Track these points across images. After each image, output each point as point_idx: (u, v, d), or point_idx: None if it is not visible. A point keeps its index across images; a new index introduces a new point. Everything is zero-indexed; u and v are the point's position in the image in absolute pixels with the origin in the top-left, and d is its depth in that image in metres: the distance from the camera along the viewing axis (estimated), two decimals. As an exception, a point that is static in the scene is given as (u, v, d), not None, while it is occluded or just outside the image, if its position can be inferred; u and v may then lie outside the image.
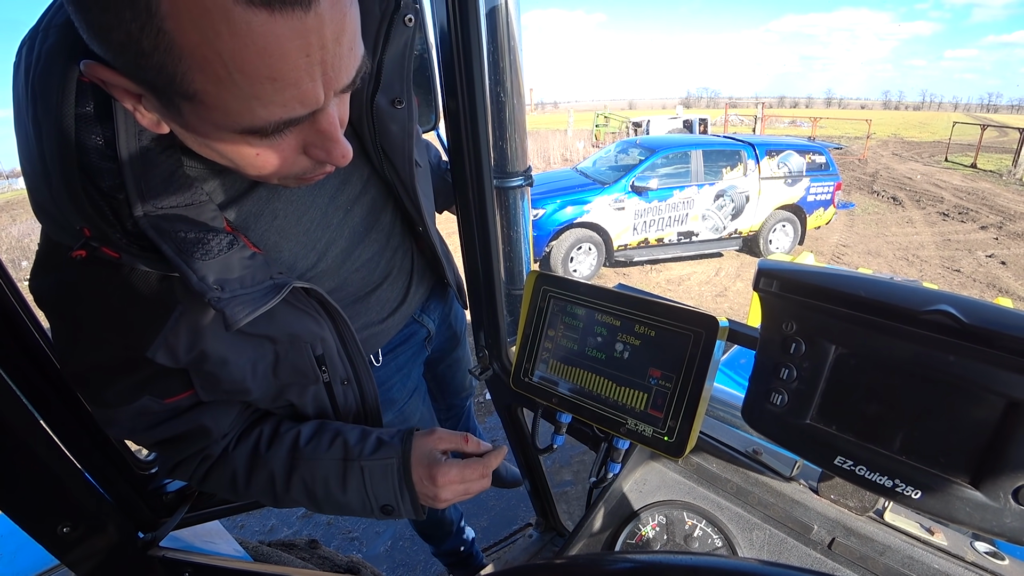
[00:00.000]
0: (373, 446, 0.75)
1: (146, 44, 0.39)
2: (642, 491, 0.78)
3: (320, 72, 0.45)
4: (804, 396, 0.57)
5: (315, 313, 0.70)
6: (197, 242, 0.55)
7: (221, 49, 0.39)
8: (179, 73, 0.41)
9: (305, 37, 0.41)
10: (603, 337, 0.67)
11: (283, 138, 0.50)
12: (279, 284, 0.62)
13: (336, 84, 0.47)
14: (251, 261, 0.60)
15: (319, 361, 0.72)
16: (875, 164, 16.42)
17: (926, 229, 8.83)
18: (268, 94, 0.43)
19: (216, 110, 0.44)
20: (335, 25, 0.43)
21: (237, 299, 0.57)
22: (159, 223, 0.54)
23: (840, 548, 0.66)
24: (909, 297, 0.49)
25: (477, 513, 2.57)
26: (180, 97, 0.43)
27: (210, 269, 0.56)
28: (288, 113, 0.46)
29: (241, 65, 0.40)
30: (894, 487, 0.53)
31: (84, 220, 0.53)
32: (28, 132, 0.51)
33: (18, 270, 8.22)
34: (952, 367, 0.48)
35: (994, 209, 9.98)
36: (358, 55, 0.49)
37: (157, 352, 0.58)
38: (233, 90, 0.42)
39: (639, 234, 6.59)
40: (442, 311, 1.09)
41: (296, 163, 0.54)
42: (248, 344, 0.65)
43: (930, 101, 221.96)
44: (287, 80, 0.43)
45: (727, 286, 6.43)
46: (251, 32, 0.39)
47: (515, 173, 1.08)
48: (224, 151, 0.50)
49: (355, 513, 0.77)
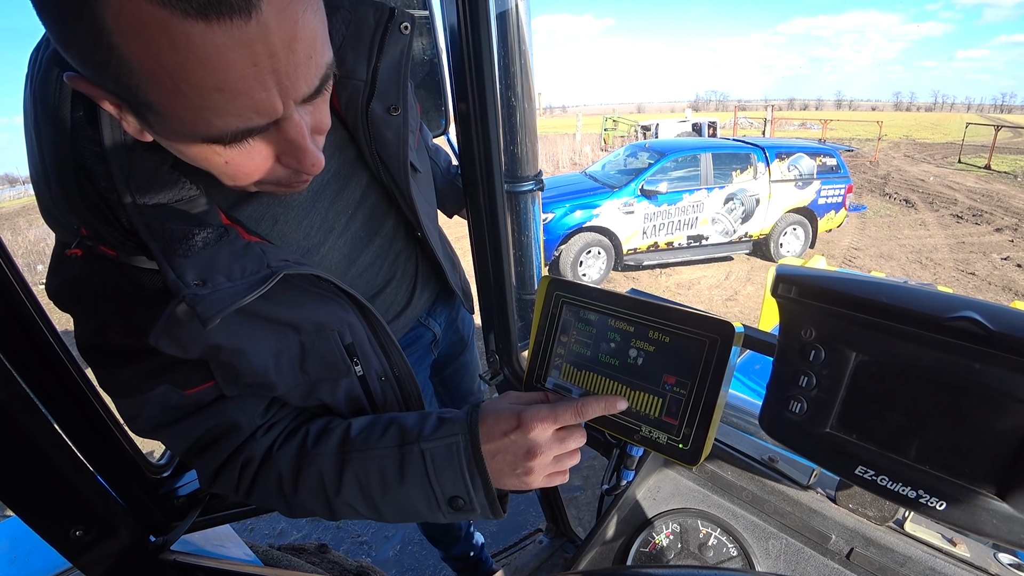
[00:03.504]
0: (434, 425, 0.66)
1: (100, 58, 0.40)
2: (656, 499, 0.77)
3: (273, 81, 0.44)
4: (824, 404, 0.56)
5: (337, 297, 0.69)
6: (181, 238, 0.55)
7: (165, 62, 0.39)
8: (134, 85, 0.41)
9: (249, 47, 0.41)
10: (616, 343, 0.66)
11: (250, 146, 0.49)
12: (265, 276, 0.59)
13: (294, 93, 0.47)
14: (244, 252, 0.59)
15: (349, 351, 0.70)
16: (887, 166, 16.27)
17: (939, 232, 8.72)
18: (219, 104, 0.43)
19: (173, 120, 0.45)
20: (283, 33, 0.42)
21: (216, 294, 0.55)
22: (151, 221, 0.55)
23: (859, 559, 0.64)
24: (933, 303, 0.48)
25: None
26: (142, 107, 0.44)
27: (191, 265, 0.55)
28: (245, 123, 0.46)
29: (186, 76, 0.40)
30: (918, 498, 0.51)
31: (80, 220, 0.54)
32: (32, 137, 0.53)
33: (33, 273, 8.33)
34: (977, 375, 0.46)
35: (1009, 211, 9.84)
36: (320, 63, 0.48)
37: (159, 340, 0.57)
38: (183, 101, 0.42)
39: (648, 238, 6.57)
40: (448, 315, 1.09)
41: (271, 171, 0.54)
42: (268, 333, 0.63)
43: (942, 102, 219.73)
44: (236, 90, 0.42)
45: (737, 290, 6.38)
46: (191, 44, 0.39)
47: (526, 177, 1.07)
48: (195, 159, 0.50)
49: (421, 515, 0.67)
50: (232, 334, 0.60)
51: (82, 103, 0.52)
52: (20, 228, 12.93)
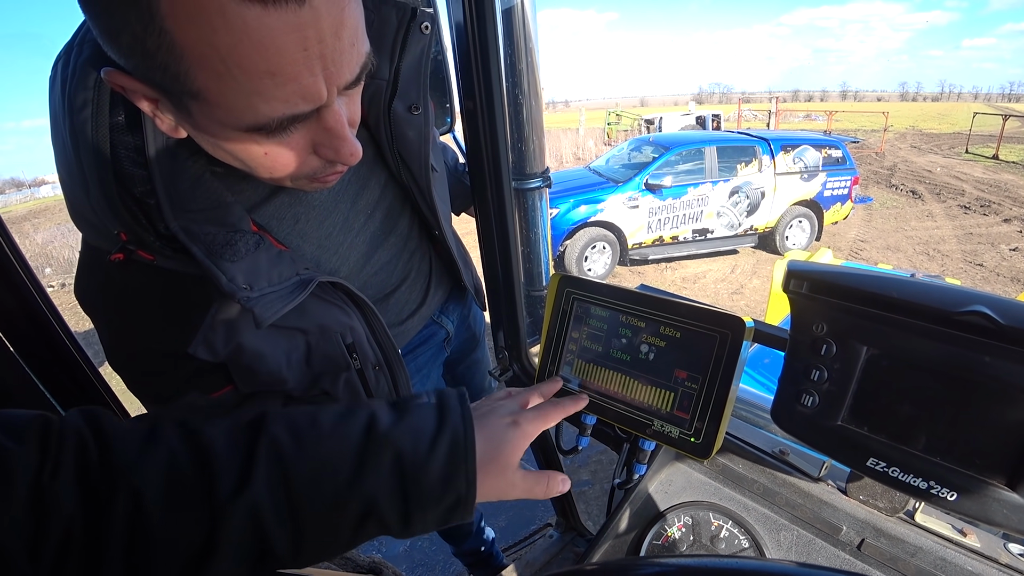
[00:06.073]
0: None
1: (150, 44, 0.41)
2: (667, 492, 0.77)
3: (320, 67, 0.45)
4: (835, 397, 0.57)
5: (343, 304, 0.72)
6: (226, 244, 0.57)
7: (218, 45, 0.40)
8: (182, 72, 0.42)
9: (301, 31, 0.42)
10: (628, 339, 0.67)
11: (290, 136, 0.50)
12: (305, 280, 0.63)
13: (338, 79, 0.48)
14: (278, 259, 0.62)
15: (350, 349, 0.74)
16: (893, 157, 16.15)
17: (947, 223, 8.66)
18: (269, 89, 0.44)
19: (220, 108, 0.45)
20: (332, 19, 0.43)
21: (266, 297, 0.59)
22: (189, 226, 0.56)
23: (870, 549, 0.65)
24: (943, 297, 0.48)
25: (496, 513, 2.57)
26: (187, 96, 0.45)
27: (239, 270, 0.57)
28: (291, 109, 0.47)
29: (239, 60, 0.41)
30: (928, 488, 0.52)
31: (120, 225, 0.55)
32: (66, 143, 0.53)
33: (42, 277, 8.40)
34: (988, 368, 0.47)
35: (1018, 201, 9.75)
36: (361, 51, 0.49)
37: (198, 348, 0.61)
38: (233, 86, 0.43)
39: (653, 232, 6.56)
40: (461, 313, 1.10)
41: (307, 163, 0.55)
42: (281, 337, 0.67)
43: (949, 92, 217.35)
44: (286, 75, 0.43)
45: (743, 283, 6.36)
46: (246, 27, 0.40)
47: (533, 174, 1.08)
48: (234, 151, 0.51)
49: None
50: (254, 338, 0.63)
51: (122, 108, 0.52)
52: (27, 232, 13.02)
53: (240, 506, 0.41)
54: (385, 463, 0.45)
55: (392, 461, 0.45)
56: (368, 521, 0.45)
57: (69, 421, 0.42)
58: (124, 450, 0.41)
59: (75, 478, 0.39)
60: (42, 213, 20.51)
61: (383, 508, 0.45)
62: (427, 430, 0.48)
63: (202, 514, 0.40)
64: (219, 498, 0.41)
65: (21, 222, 17.53)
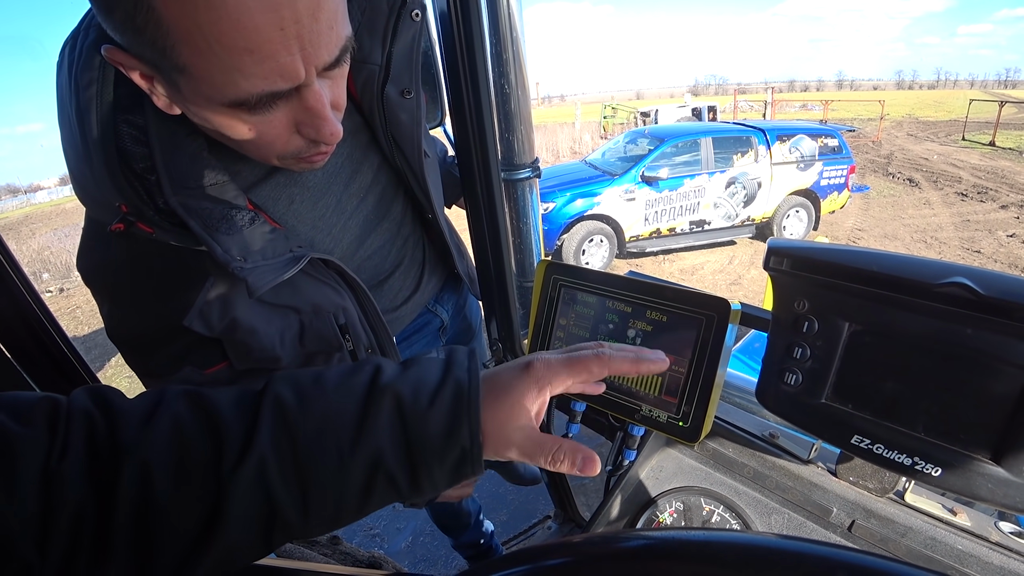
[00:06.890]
0: None
1: (139, 20, 0.43)
2: (659, 478, 0.78)
3: (297, 46, 0.47)
4: (818, 375, 0.57)
5: (336, 285, 0.73)
6: (222, 218, 0.60)
7: (200, 22, 0.43)
8: (168, 47, 0.45)
9: (277, 11, 0.44)
10: (615, 324, 0.67)
11: (272, 113, 0.53)
12: (297, 256, 0.66)
13: (316, 60, 0.50)
14: (272, 235, 0.64)
15: (342, 330, 0.75)
16: (889, 145, 16.13)
17: (944, 210, 8.66)
18: (248, 66, 0.46)
19: (204, 82, 0.48)
20: (309, 1, 0.46)
21: (259, 269, 0.61)
22: (187, 202, 0.59)
23: (860, 530, 0.65)
24: (923, 270, 0.48)
25: (496, 507, 2.58)
26: (175, 71, 0.47)
27: (234, 242, 0.60)
28: (270, 86, 0.49)
29: (219, 37, 0.44)
30: (913, 465, 0.52)
31: (122, 197, 0.58)
32: (72, 121, 0.56)
33: (39, 282, 8.38)
34: (969, 340, 0.47)
35: (1014, 187, 9.75)
36: (340, 34, 0.51)
37: (193, 321, 0.63)
38: (215, 62, 0.46)
39: (651, 224, 6.55)
40: (456, 302, 1.10)
41: (290, 142, 0.57)
42: (275, 314, 0.69)
43: (945, 79, 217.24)
44: (263, 52, 0.46)
45: (741, 274, 6.37)
46: (225, 5, 0.42)
47: (522, 165, 1.07)
48: (221, 126, 0.53)
49: None
50: (249, 313, 0.66)
51: (124, 88, 0.55)
52: (24, 237, 13.00)
53: (246, 468, 0.39)
54: (386, 411, 0.43)
55: (393, 409, 0.43)
56: (376, 477, 0.43)
57: (76, 401, 0.41)
58: (131, 425, 0.40)
59: (85, 459, 0.38)
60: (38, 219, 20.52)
61: (388, 460, 0.42)
62: (430, 381, 0.45)
63: (209, 480, 0.39)
64: (227, 461, 0.39)
65: (18, 227, 17.52)
